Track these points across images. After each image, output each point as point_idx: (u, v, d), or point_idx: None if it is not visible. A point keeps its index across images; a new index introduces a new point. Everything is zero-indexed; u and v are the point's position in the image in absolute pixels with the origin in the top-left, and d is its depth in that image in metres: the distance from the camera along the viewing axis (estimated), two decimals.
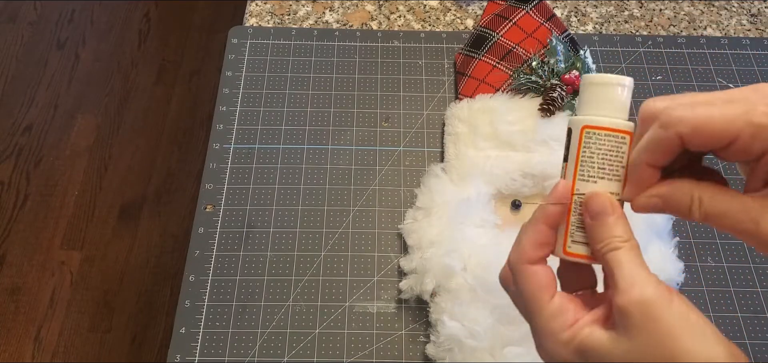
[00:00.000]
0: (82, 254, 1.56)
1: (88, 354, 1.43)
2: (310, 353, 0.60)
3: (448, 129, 0.72)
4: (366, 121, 0.75)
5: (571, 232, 0.36)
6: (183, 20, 2.02)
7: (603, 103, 0.36)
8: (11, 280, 1.51)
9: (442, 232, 0.62)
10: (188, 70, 1.91)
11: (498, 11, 0.80)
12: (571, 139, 0.36)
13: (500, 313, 0.57)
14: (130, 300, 1.50)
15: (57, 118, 1.78)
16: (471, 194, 0.65)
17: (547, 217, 0.37)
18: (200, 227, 0.67)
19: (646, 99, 0.34)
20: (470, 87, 0.75)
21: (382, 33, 0.83)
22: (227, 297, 0.63)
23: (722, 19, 0.87)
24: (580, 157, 0.36)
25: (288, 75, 0.79)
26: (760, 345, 0.61)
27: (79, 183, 1.67)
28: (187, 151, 1.75)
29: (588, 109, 0.36)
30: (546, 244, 0.37)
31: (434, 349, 0.58)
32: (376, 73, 0.79)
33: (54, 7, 2.01)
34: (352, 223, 0.67)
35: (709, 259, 0.66)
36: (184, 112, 1.83)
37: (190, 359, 0.59)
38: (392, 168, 0.71)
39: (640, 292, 0.32)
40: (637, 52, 0.82)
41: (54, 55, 1.90)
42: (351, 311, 0.62)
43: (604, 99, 0.36)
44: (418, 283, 0.61)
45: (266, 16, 0.85)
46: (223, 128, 0.74)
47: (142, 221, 1.62)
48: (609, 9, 0.88)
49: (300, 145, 0.73)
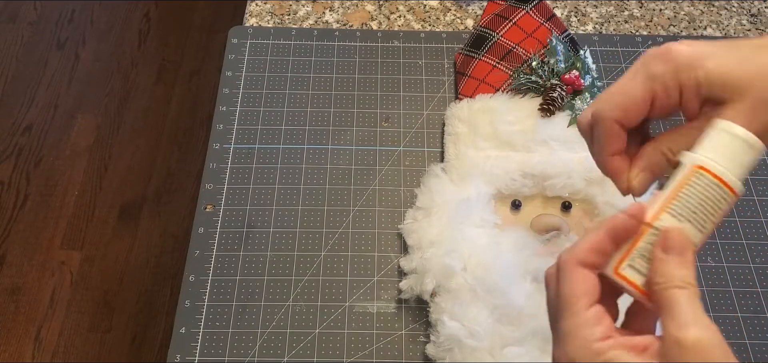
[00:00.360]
0: (82, 254, 1.56)
1: (88, 354, 1.43)
2: (310, 353, 0.60)
3: (448, 129, 0.72)
4: (366, 121, 0.75)
5: (632, 257, 0.35)
6: (183, 20, 2.02)
7: (727, 154, 0.35)
8: (11, 280, 1.51)
9: (442, 232, 0.62)
10: (188, 70, 1.91)
11: (498, 11, 0.80)
12: (678, 170, 0.35)
13: (500, 313, 0.57)
14: (130, 300, 1.50)
15: (57, 118, 1.78)
16: (471, 194, 0.65)
17: (612, 230, 0.36)
18: (200, 227, 0.67)
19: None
20: (470, 87, 0.75)
21: (382, 33, 0.83)
22: (227, 297, 0.63)
23: (722, 19, 0.87)
24: (679, 192, 0.35)
25: (288, 75, 0.79)
26: (760, 345, 0.61)
27: (79, 183, 1.67)
28: (187, 151, 1.75)
29: (709, 152, 0.35)
30: (602, 253, 0.36)
31: (434, 349, 0.58)
32: (376, 73, 0.79)
33: (54, 7, 2.01)
34: (352, 223, 0.67)
35: (709, 259, 0.66)
36: (184, 112, 1.83)
37: (190, 359, 0.59)
38: (392, 168, 0.71)
39: (700, 331, 0.32)
40: (637, 52, 0.82)
41: (54, 55, 1.90)
42: (351, 311, 0.62)
43: (731, 151, 0.35)
44: (418, 283, 0.61)
45: (266, 16, 0.85)
46: (223, 128, 0.74)
47: (142, 221, 1.62)
48: (609, 9, 0.88)
49: (300, 145, 0.73)
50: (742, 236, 0.67)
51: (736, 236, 0.67)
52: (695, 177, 0.34)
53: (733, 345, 0.60)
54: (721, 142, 0.35)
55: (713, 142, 0.35)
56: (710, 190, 0.34)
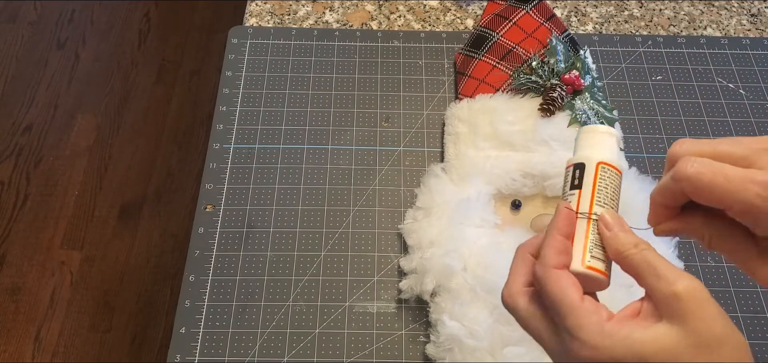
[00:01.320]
0: (82, 254, 1.56)
1: (88, 354, 1.43)
2: (310, 353, 0.60)
3: (448, 129, 0.72)
4: (366, 121, 0.75)
5: (589, 248, 0.40)
6: (183, 20, 2.02)
7: (607, 148, 0.43)
8: (11, 280, 1.51)
9: (442, 232, 0.62)
10: (188, 70, 1.91)
11: (498, 11, 0.80)
12: (585, 171, 0.42)
13: (500, 313, 0.57)
14: (130, 300, 1.50)
15: (57, 118, 1.78)
16: (471, 194, 0.65)
17: (562, 228, 0.40)
18: (200, 227, 0.67)
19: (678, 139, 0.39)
20: (470, 87, 0.75)
21: (382, 33, 0.83)
22: (227, 297, 0.63)
23: (722, 19, 0.87)
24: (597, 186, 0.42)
25: (288, 75, 0.79)
26: (760, 345, 0.61)
27: (79, 183, 1.67)
28: (187, 151, 1.75)
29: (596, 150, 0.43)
30: (565, 252, 0.39)
31: (434, 349, 0.58)
32: (376, 73, 0.79)
33: (54, 7, 2.01)
34: (352, 223, 0.67)
35: (709, 259, 0.66)
36: (184, 112, 1.83)
37: (190, 359, 0.59)
38: (392, 168, 0.71)
39: (688, 280, 0.35)
40: (637, 51, 0.82)
41: (54, 55, 1.90)
42: (351, 311, 0.62)
43: (609, 145, 0.43)
44: (418, 283, 0.61)
45: (266, 16, 0.85)
46: (223, 128, 0.74)
47: (142, 221, 1.62)
48: (609, 9, 0.88)
49: (300, 145, 0.73)
50: None
51: None
52: (601, 171, 0.42)
53: None
54: (598, 141, 0.43)
55: (591, 141, 0.43)
56: (613, 178, 0.42)
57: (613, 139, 0.44)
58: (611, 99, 0.77)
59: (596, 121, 0.71)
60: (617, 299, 0.57)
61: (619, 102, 0.77)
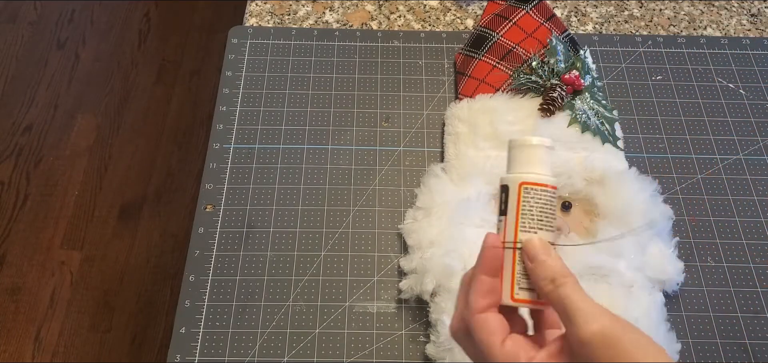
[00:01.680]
0: (82, 254, 1.56)
1: (88, 354, 1.43)
2: (310, 353, 0.60)
3: (448, 129, 0.72)
4: (366, 121, 0.75)
5: (517, 280, 0.39)
6: (183, 20, 2.02)
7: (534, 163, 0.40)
8: (11, 280, 1.51)
9: (442, 232, 0.62)
10: (188, 70, 1.91)
11: (498, 11, 0.80)
12: (509, 195, 0.40)
13: None
14: (130, 300, 1.50)
15: (57, 118, 1.78)
16: (471, 194, 0.65)
17: (486, 267, 0.40)
18: (200, 227, 0.67)
19: None
20: (470, 87, 0.75)
21: (382, 33, 0.83)
22: (227, 297, 0.63)
23: (722, 19, 0.87)
24: (520, 211, 0.39)
25: (288, 75, 0.79)
26: (760, 345, 0.61)
27: (79, 183, 1.67)
28: (187, 151, 1.75)
29: (521, 167, 0.40)
30: (491, 292, 0.39)
31: (434, 349, 0.58)
32: (376, 73, 0.79)
33: (54, 7, 2.01)
34: (352, 223, 0.67)
35: (709, 259, 0.66)
36: (184, 112, 1.83)
37: (190, 359, 0.59)
38: (392, 168, 0.71)
39: (599, 323, 0.35)
40: (637, 51, 0.82)
41: (54, 55, 1.90)
42: (351, 311, 0.62)
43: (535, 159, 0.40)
44: (418, 283, 0.61)
45: (266, 16, 0.85)
46: (223, 128, 0.74)
47: (142, 221, 1.62)
48: (609, 9, 0.88)
49: (300, 145, 0.73)
50: (742, 236, 0.67)
51: (736, 236, 0.67)
52: (524, 193, 0.39)
53: (733, 345, 0.60)
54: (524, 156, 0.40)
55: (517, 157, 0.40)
56: (542, 197, 0.39)
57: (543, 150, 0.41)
58: (611, 99, 0.77)
59: (596, 122, 0.71)
60: (617, 299, 0.57)
61: (619, 102, 0.77)
